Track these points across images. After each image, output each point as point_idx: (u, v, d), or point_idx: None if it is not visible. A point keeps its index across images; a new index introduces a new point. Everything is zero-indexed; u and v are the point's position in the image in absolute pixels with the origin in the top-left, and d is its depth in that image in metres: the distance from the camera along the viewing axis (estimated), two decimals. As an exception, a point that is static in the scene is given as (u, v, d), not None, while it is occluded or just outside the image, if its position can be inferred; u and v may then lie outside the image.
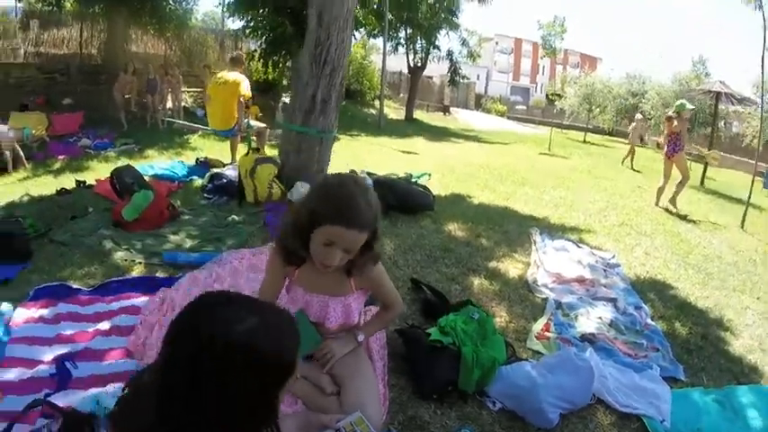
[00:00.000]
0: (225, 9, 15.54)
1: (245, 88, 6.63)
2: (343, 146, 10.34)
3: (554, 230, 5.34)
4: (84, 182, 6.36)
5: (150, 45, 16.93)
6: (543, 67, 59.34)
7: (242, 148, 7.52)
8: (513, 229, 5.22)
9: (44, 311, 2.99)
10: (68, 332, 2.80)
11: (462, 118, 26.36)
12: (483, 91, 42.94)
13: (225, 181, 5.26)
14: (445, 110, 26.65)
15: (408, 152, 10.89)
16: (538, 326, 3.15)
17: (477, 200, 6.59)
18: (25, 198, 5.83)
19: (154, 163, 7.52)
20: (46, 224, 4.47)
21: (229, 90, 6.53)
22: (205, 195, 5.21)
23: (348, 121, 16.86)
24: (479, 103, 35.98)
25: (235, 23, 15.78)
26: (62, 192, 5.94)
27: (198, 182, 6.10)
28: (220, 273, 3.33)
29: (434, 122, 21.37)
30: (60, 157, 8.61)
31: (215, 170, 5.69)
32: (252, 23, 14.91)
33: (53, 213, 4.98)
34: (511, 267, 4.14)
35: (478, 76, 43.66)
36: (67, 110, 12.03)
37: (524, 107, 44.18)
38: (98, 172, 7.33)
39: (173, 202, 4.93)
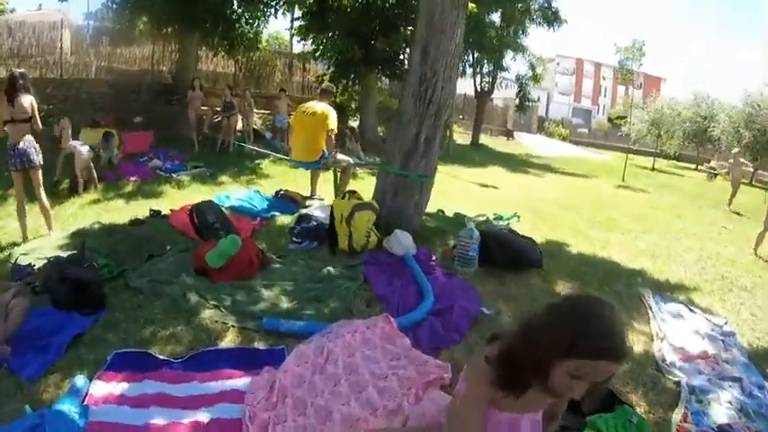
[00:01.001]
0: (294, 32, 15.50)
1: (333, 121, 6.28)
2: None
3: (662, 289, 4.99)
4: (159, 211, 6.15)
5: (220, 65, 17.11)
6: (605, 88, 57.64)
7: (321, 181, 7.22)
8: (623, 289, 4.77)
9: (126, 387, 2.64)
10: (159, 421, 2.42)
11: (526, 143, 25.60)
12: (544, 113, 41.89)
13: (314, 224, 4.86)
14: (508, 134, 25.95)
15: (486, 186, 10.33)
16: (677, 416, 2.97)
17: (575, 249, 6.09)
18: (96, 226, 5.68)
19: (230, 192, 7.28)
20: (119, 263, 4.23)
21: (317, 121, 6.20)
22: (293, 239, 4.80)
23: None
24: (542, 127, 35.07)
25: (304, 46, 15.71)
26: (136, 222, 5.72)
27: (281, 219, 5.75)
28: (332, 348, 2.90)
29: (500, 148, 20.74)
30: (132, 178, 8.47)
31: (303, 211, 5.30)
32: (321, 47, 14.83)
33: (127, 248, 4.76)
34: (635, 340, 3.75)
35: (539, 98, 42.73)
36: (138, 128, 12.04)
37: (586, 130, 42.90)
38: (172, 198, 7.14)
39: (260, 246, 4.56)
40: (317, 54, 15.04)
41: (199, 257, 4.24)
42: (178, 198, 7.15)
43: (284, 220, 5.71)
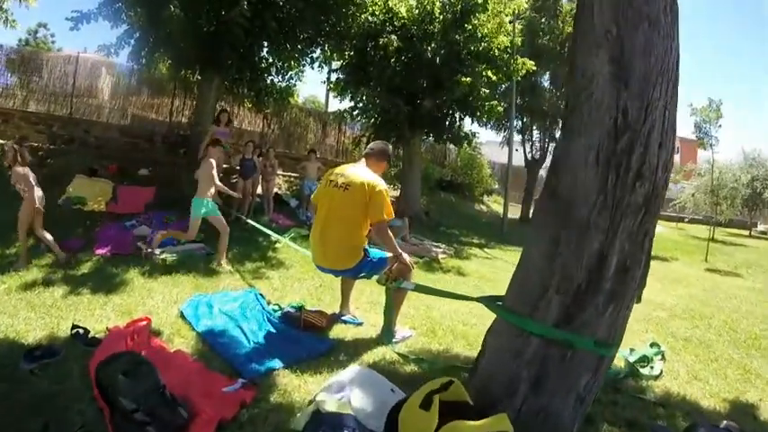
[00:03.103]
0: (331, 87, 13.12)
1: (385, 203, 3.48)
2: (486, 273, 7.13)
3: None
4: (86, 332, 3.51)
5: (246, 121, 14.85)
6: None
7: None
8: None
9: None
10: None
11: (571, 217, 22.64)
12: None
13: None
14: (552, 206, 22.91)
15: None
16: None
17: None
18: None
19: (218, 293, 4.61)
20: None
21: (355, 199, 3.44)
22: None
23: (461, 220, 13.78)
24: (584, 198, 32.07)
25: (341, 101, 13.30)
26: (34, 354, 3.08)
27: (285, 384, 2.89)
28: None
29: (549, 223, 17.81)
30: (100, 250, 5.98)
31: (326, 403, 2.29)
32: (360, 104, 12.41)
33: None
34: None
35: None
36: (141, 182, 9.65)
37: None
38: (132, 296, 4.48)
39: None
40: (356, 113, 12.61)
41: None
42: (140, 297, 4.49)
43: (290, 385, 2.87)
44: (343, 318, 4.02)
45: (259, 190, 9.75)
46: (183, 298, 4.47)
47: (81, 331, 3.51)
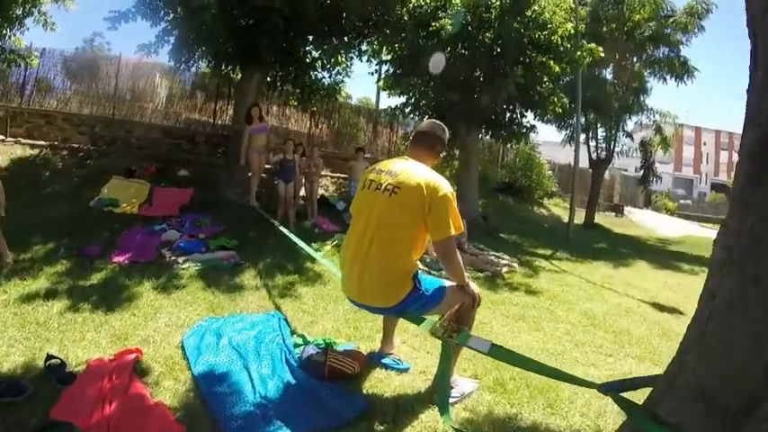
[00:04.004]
0: (381, 83, 12.19)
1: (450, 209, 2.47)
2: (559, 293, 5.98)
3: None
4: (62, 365, 2.80)
5: (293, 120, 14.16)
6: (707, 154, 51.36)
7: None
8: None
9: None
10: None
11: (639, 221, 20.75)
12: (642, 184, 36.85)
13: None
14: (616, 209, 21.21)
15: (662, 308, 5.80)
16: None
17: None
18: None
19: (233, 315, 3.77)
20: None
21: (408, 207, 2.45)
22: None
23: (522, 225, 12.55)
24: (649, 200, 29.88)
25: (389, 97, 12.31)
26: None
27: None
28: None
29: (617, 228, 16.15)
30: (117, 259, 5.27)
31: None
32: (413, 99, 11.41)
33: None
34: None
35: (636, 168, 38.30)
36: (179, 183, 9.17)
37: (689, 201, 37.43)
38: (137, 316, 3.73)
39: None
40: (407, 109, 11.61)
41: None
42: (143, 318, 3.73)
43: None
44: (383, 360, 3.04)
45: (303, 192, 9.00)
46: (193, 321, 3.68)
47: (57, 363, 2.79)
